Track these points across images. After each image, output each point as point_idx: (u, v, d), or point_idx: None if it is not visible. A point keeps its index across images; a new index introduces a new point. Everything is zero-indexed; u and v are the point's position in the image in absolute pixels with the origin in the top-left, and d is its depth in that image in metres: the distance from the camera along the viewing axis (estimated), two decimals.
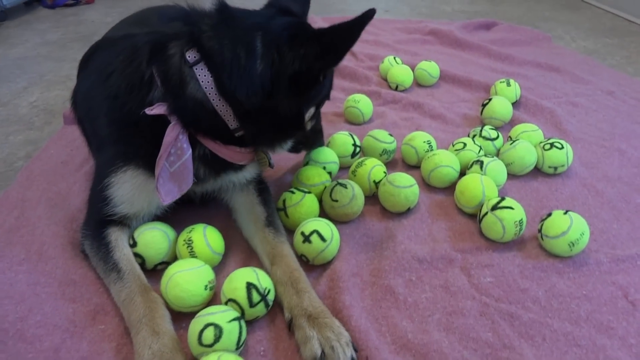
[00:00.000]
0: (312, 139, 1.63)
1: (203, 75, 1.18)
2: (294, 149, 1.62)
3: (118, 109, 1.29)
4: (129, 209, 1.33)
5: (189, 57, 1.19)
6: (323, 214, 1.54)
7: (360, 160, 1.67)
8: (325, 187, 1.56)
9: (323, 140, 1.69)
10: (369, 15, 1.10)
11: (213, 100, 1.19)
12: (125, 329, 1.18)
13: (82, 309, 1.26)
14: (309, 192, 1.51)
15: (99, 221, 1.34)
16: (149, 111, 1.18)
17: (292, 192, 1.50)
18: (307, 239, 1.34)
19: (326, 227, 1.37)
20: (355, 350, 1.11)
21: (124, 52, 1.32)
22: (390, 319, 1.22)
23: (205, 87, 1.19)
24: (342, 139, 1.78)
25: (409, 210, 1.56)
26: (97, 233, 1.33)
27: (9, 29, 3.68)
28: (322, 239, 1.34)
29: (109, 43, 1.54)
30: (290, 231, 1.45)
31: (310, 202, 1.49)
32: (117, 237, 1.32)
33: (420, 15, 3.70)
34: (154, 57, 1.23)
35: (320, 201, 1.55)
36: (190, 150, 1.24)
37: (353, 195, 1.50)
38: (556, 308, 1.24)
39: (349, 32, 1.13)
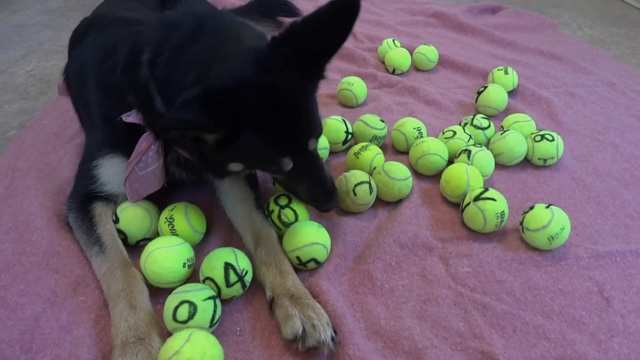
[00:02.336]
0: (309, 198, 1.37)
1: None
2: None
3: (104, 101, 1.33)
4: (116, 189, 1.36)
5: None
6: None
7: (365, 144, 1.67)
8: (351, 176, 1.50)
9: (330, 204, 1.36)
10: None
11: None
12: (105, 302, 1.21)
13: (64, 280, 1.29)
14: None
15: (85, 195, 1.37)
16: (126, 118, 1.21)
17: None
18: (303, 264, 1.31)
19: (323, 251, 1.32)
20: (335, 332, 1.13)
21: (107, 45, 1.33)
22: (365, 304, 1.24)
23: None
24: (335, 125, 1.76)
25: (399, 200, 1.57)
26: (82, 207, 1.36)
27: None
28: (318, 263, 1.32)
29: (100, 23, 1.54)
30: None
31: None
32: (101, 212, 1.35)
33: None
34: (128, 65, 1.19)
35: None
36: (161, 160, 1.27)
37: (371, 201, 1.50)
38: (530, 301, 1.25)
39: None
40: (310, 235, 1.30)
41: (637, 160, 1.78)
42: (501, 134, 1.71)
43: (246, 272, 1.22)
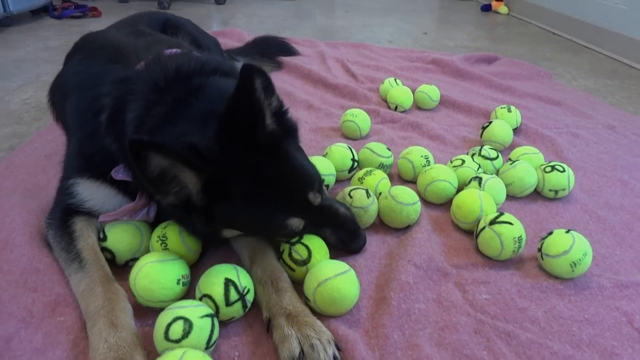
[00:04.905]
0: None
1: None
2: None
3: (79, 131, 1.31)
4: (99, 206, 1.29)
5: None
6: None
7: (369, 169, 1.61)
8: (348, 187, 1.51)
9: (357, 243, 1.34)
10: None
11: None
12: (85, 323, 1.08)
13: (42, 298, 1.17)
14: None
15: (65, 210, 1.29)
16: (115, 175, 1.19)
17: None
18: None
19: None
20: (339, 349, 1.03)
21: (89, 75, 1.34)
22: (381, 328, 1.12)
23: None
24: (341, 152, 1.70)
25: (407, 227, 1.48)
26: (62, 222, 1.27)
27: (13, 34, 3.69)
28: None
29: (88, 45, 1.56)
30: None
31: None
32: (82, 227, 1.26)
33: (423, 48, 3.73)
34: (112, 120, 1.20)
35: None
36: (153, 212, 1.29)
37: (369, 206, 1.42)
38: (556, 330, 1.14)
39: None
40: (355, 300, 1.17)
41: None
42: (511, 164, 1.67)
43: (248, 291, 1.11)
